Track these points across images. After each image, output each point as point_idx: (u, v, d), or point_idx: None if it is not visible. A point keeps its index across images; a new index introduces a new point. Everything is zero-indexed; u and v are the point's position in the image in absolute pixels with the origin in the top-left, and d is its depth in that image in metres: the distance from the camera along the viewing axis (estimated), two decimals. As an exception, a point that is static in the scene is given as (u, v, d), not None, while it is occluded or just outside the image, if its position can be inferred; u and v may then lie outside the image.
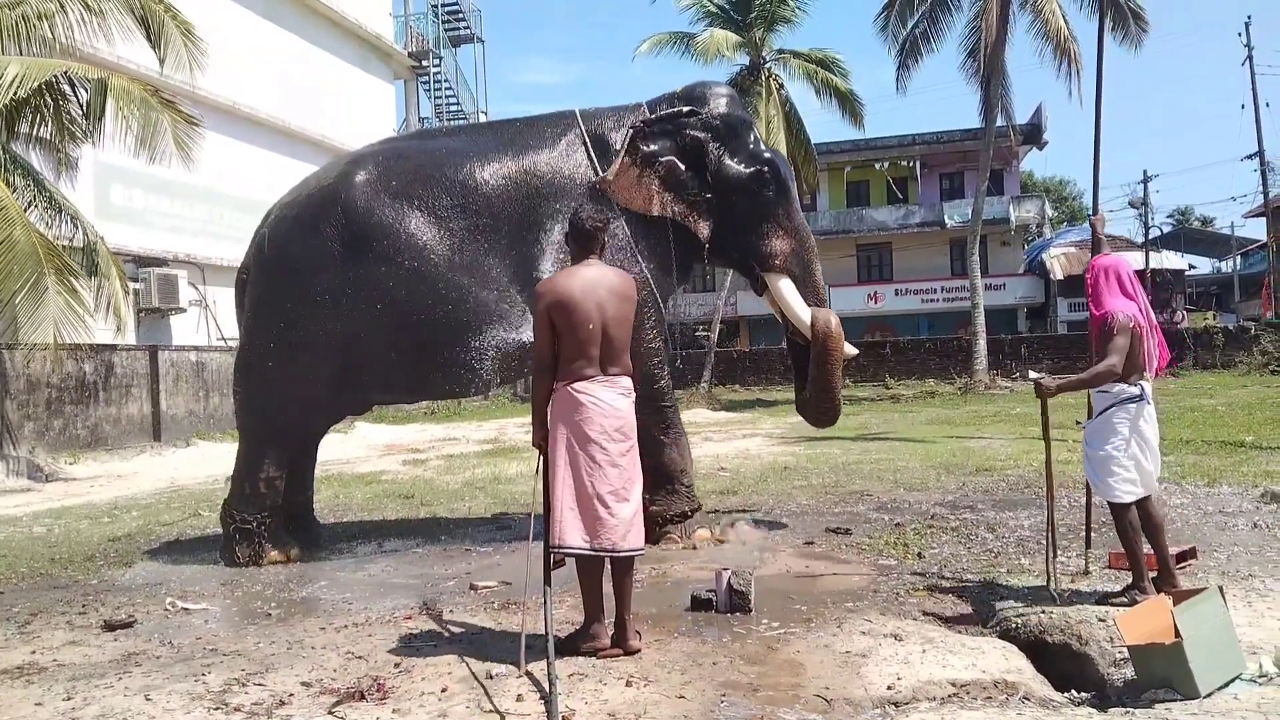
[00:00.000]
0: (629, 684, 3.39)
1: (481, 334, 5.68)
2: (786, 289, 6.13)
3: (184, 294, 16.94)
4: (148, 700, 3.42)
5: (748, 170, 6.07)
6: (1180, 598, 3.41)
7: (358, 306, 5.68)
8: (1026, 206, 34.53)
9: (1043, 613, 4.06)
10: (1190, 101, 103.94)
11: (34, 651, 4.17)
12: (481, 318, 5.70)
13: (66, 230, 11.32)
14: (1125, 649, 3.49)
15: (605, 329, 3.75)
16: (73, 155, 11.96)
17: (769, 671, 3.52)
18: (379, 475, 10.67)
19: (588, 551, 3.69)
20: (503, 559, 5.76)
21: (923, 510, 6.72)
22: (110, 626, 4.49)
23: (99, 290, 11.32)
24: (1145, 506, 4.14)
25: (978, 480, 8.11)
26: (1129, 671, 3.50)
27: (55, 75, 10.10)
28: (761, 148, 6.25)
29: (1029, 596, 4.34)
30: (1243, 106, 58.93)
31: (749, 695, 3.27)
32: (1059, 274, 32.08)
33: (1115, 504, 4.12)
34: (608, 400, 3.74)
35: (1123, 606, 3.94)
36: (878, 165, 35.06)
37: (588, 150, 6.06)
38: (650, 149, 5.90)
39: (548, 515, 3.73)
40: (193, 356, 16.03)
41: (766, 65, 24.35)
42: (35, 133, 11.30)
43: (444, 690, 3.40)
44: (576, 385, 3.72)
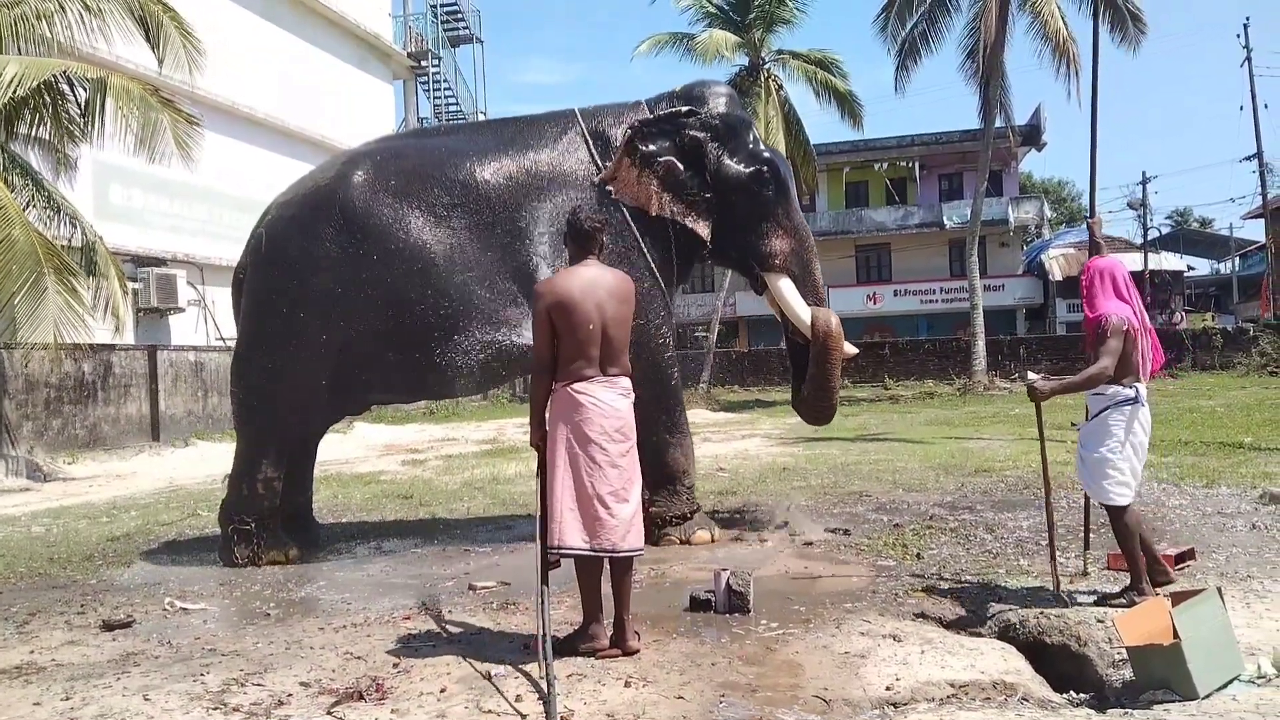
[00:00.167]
0: (628, 684, 3.39)
1: (481, 334, 5.65)
2: (786, 288, 6.12)
3: (183, 294, 16.93)
4: (146, 700, 3.41)
5: (747, 170, 6.06)
6: (1179, 599, 3.42)
7: (356, 306, 5.64)
8: (1025, 207, 34.58)
9: (1041, 614, 4.07)
10: (1189, 103, 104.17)
11: (32, 651, 4.17)
12: (481, 317, 5.66)
13: (65, 230, 11.30)
14: (1124, 650, 3.49)
15: (605, 329, 3.75)
16: (71, 155, 11.93)
17: (768, 672, 3.52)
18: (378, 475, 10.66)
19: (587, 552, 3.68)
20: (501, 559, 5.75)
21: (921, 511, 6.72)
22: (109, 626, 4.48)
23: (97, 290, 11.29)
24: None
25: (976, 481, 8.11)
26: (1127, 672, 3.51)
27: (54, 75, 10.08)
28: (761, 147, 6.24)
29: (1028, 597, 4.34)
30: (1241, 108, 59.03)
31: (748, 696, 3.27)
32: (1058, 275, 32.13)
33: (1112, 506, 4.13)
34: (607, 400, 3.74)
35: (1121, 608, 3.94)
36: (877, 166, 35.11)
37: (589, 148, 6.04)
38: (649, 149, 5.88)
39: (544, 515, 3.74)
40: (191, 356, 16.03)
41: (765, 66, 24.38)
42: (34, 133, 11.28)
43: (443, 690, 3.40)
44: (576, 386, 3.72)
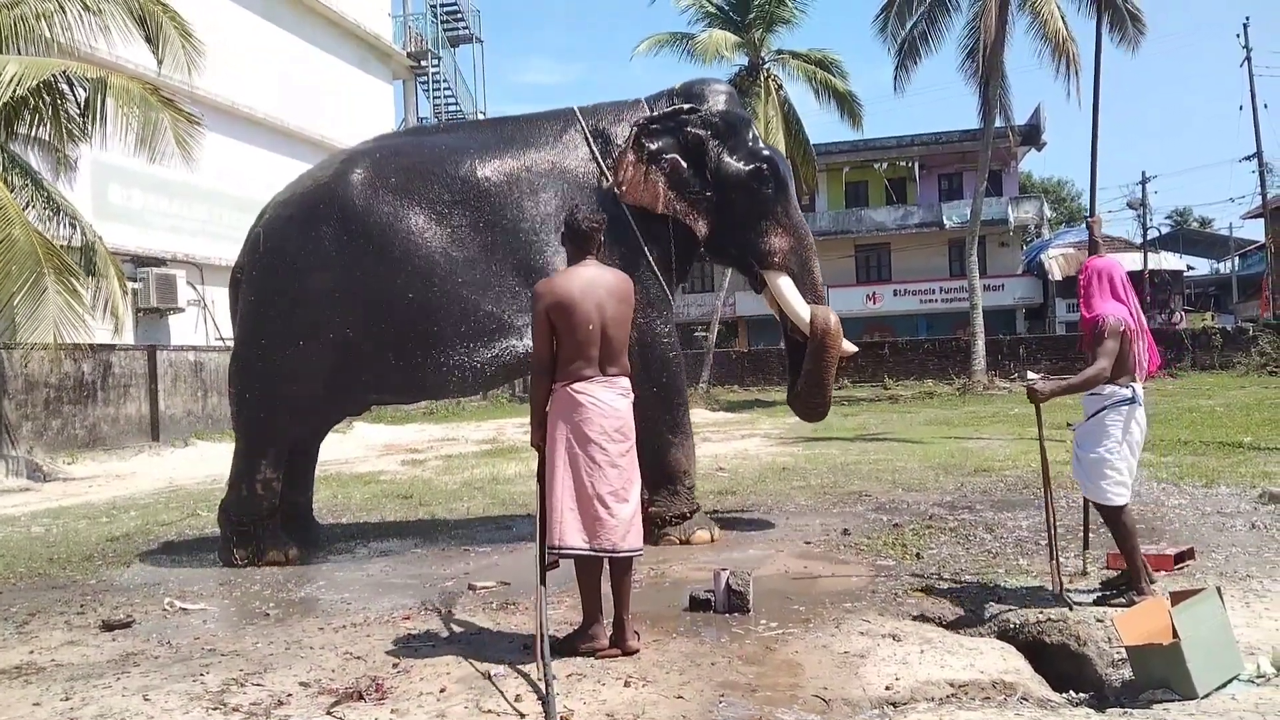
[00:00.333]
0: (627, 684, 3.39)
1: (481, 334, 5.63)
2: (785, 286, 6.12)
3: (182, 294, 16.93)
4: (146, 700, 3.41)
5: (747, 168, 6.05)
6: (1178, 598, 3.42)
7: (355, 306, 5.61)
8: (1025, 207, 34.57)
9: (1040, 613, 4.07)
10: (1189, 102, 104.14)
11: (32, 651, 4.17)
12: (481, 317, 5.64)
13: (65, 230, 11.29)
14: (1123, 649, 3.49)
15: (604, 329, 3.75)
16: (71, 155, 11.94)
17: (767, 672, 3.52)
18: (377, 475, 10.66)
19: (587, 552, 3.68)
20: (501, 559, 5.75)
21: (921, 511, 6.72)
22: (108, 626, 4.48)
23: (97, 290, 11.28)
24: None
25: (976, 481, 8.11)
26: (1127, 672, 3.51)
27: (53, 74, 10.07)
28: (760, 145, 6.24)
29: (1027, 597, 4.34)
30: (1241, 108, 58.83)
31: (747, 695, 3.27)
32: (1057, 275, 32.10)
33: (1109, 506, 4.13)
34: (607, 400, 3.74)
35: (1120, 607, 3.94)
36: (876, 166, 35.09)
37: (590, 146, 6.03)
38: (654, 146, 5.87)
39: (544, 515, 3.74)
40: (191, 356, 16.02)
41: (765, 66, 24.39)
42: (33, 133, 11.28)
43: (442, 690, 3.40)
44: (575, 386, 3.72)
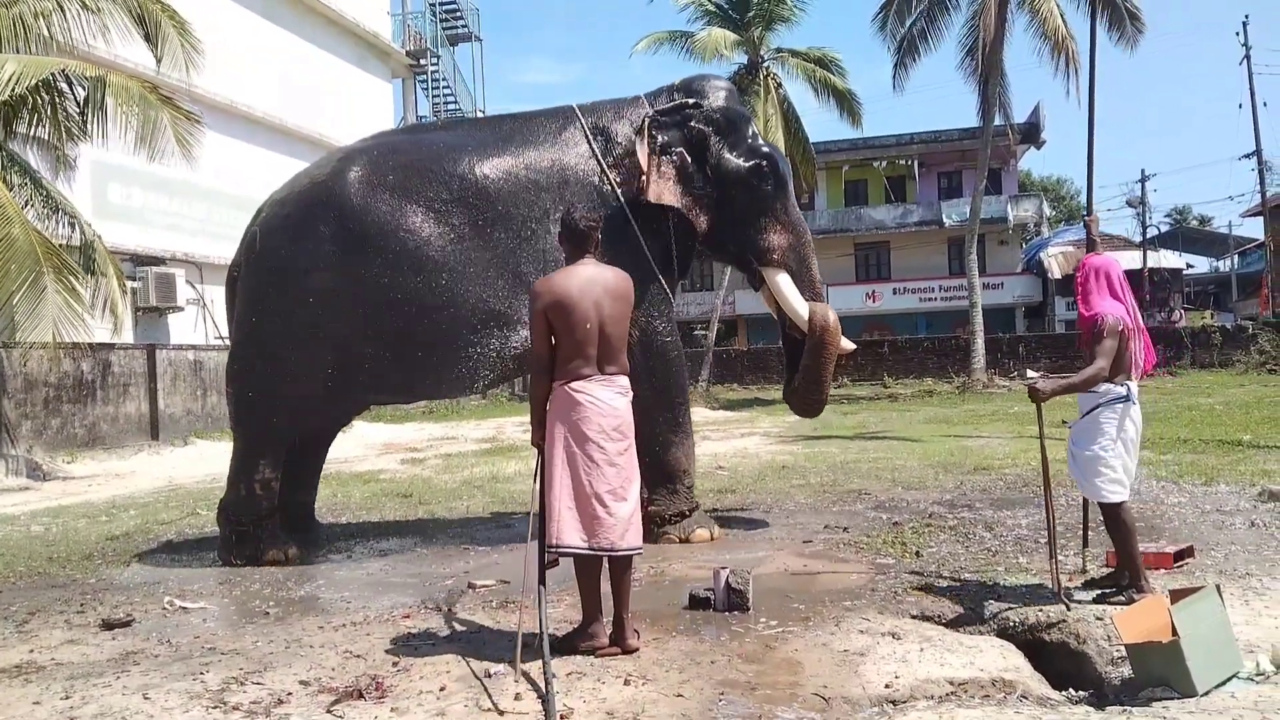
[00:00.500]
0: (627, 683, 3.39)
1: (480, 333, 5.62)
2: (784, 283, 6.11)
3: (182, 293, 16.92)
4: (146, 699, 3.41)
5: (747, 164, 6.04)
6: (1178, 596, 3.42)
7: (352, 305, 5.56)
8: (1024, 205, 34.59)
9: (1040, 611, 4.07)
10: (1188, 101, 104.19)
11: (32, 650, 4.16)
12: (480, 316, 5.62)
13: (64, 229, 11.30)
14: (1123, 647, 3.49)
15: (602, 328, 3.75)
16: (70, 154, 11.93)
17: (767, 670, 3.52)
18: (377, 474, 10.65)
19: (586, 551, 3.68)
20: (501, 558, 5.75)
21: (920, 509, 6.72)
22: (108, 625, 4.48)
23: (96, 289, 11.30)
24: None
25: (975, 479, 8.11)
26: (1126, 670, 3.51)
27: (53, 73, 10.07)
28: (760, 142, 6.23)
29: (1027, 595, 4.34)
30: (1240, 106, 58.82)
31: (747, 694, 3.27)
32: (1057, 273, 32.09)
33: (1106, 504, 4.13)
34: (605, 399, 3.74)
35: (1120, 605, 3.94)
36: (876, 164, 35.12)
37: (589, 143, 6.01)
38: (663, 139, 5.87)
39: (543, 514, 3.73)
40: (190, 355, 16.01)
41: (765, 64, 24.40)
42: (33, 131, 11.28)
43: (442, 689, 3.40)
44: (574, 385, 3.72)
